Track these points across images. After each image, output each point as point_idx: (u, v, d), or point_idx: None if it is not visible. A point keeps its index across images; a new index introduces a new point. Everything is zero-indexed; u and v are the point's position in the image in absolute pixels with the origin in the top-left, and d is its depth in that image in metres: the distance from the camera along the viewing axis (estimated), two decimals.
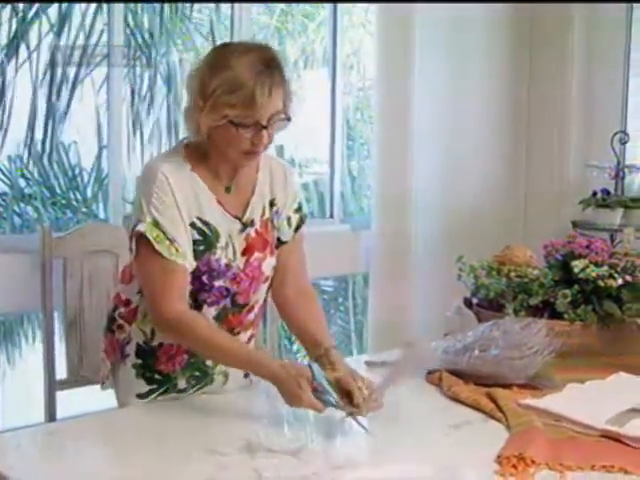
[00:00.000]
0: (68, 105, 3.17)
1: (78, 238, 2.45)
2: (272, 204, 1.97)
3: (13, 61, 3.01)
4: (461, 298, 2.38)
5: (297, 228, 2.04)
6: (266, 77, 1.75)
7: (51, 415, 2.30)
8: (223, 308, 1.91)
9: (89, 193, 3.36)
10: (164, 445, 1.56)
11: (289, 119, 1.82)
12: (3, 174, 3.13)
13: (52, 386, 2.32)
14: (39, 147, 3.19)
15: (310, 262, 2.20)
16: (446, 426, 1.68)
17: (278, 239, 2.01)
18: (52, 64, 3.10)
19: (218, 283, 1.87)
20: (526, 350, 1.95)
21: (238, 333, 1.96)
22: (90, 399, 2.31)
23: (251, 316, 1.98)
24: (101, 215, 3.32)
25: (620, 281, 2.19)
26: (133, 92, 3.37)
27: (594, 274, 2.19)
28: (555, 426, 1.67)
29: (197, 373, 1.96)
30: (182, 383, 1.95)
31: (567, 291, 2.19)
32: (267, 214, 1.96)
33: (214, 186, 1.87)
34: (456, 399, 1.84)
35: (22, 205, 3.20)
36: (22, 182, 3.20)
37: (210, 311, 1.89)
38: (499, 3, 3.73)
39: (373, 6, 3.56)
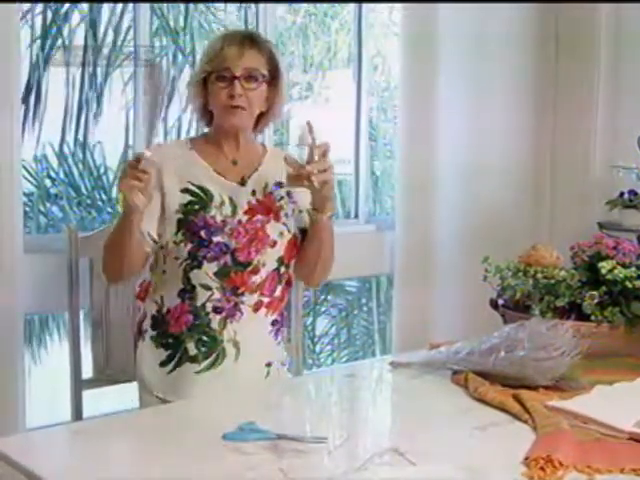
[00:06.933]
0: (98, 105, 3.19)
1: (104, 238, 2.46)
2: (281, 185, 2.14)
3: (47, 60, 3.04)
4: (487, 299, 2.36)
5: None
6: (235, 38, 2.09)
7: (77, 414, 2.32)
8: (224, 265, 2.05)
9: (114, 193, 3.37)
10: (189, 444, 1.56)
11: (271, 79, 2.10)
12: (29, 174, 3.15)
13: (78, 385, 2.33)
14: (64, 147, 3.21)
15: (335, 263, 2.22)
16: (472, 427, 1.67)
17: (303, 230, 2.19)
18: (83, 64, 3.12)
19: (216, 239, 2.05)
20: (552, 351, 1.93)
21: (242, 294, 2.08)
22: (116, 398, 2.32)
23: (256, 278, 2.09)
24: None
25: None
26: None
27: (622, 275, 2.17)
28: (582, 428, 1.65)
29: (204, 338, 2.07)
30: (192, 348, 2.07)
31: (594, 292, 2.18)
32: (270, 189, 2.14)
33: (217, 161, 2.13)
34: (482, 400, 1.82)
35: (48, 205, 3.22)
36: (48, 182, 3.22)
37: (211, 267, 2.05)
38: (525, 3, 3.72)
39: (398, 6, 3.56)
